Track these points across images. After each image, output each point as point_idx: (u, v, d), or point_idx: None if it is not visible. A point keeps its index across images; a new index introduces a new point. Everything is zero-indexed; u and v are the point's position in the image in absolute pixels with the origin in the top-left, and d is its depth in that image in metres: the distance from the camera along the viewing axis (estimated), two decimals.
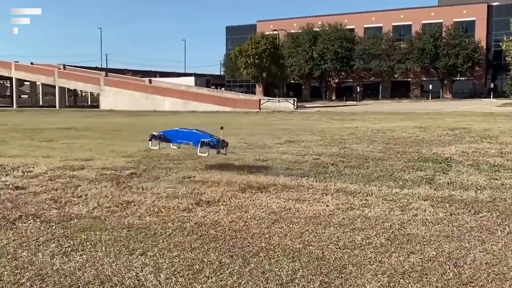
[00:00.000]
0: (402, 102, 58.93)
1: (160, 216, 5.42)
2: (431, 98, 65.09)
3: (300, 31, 73.46)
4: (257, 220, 5.20)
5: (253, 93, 73.57)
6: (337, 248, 4.33)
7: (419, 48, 65.00)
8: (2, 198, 6.32)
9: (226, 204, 5.92)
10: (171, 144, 8.59)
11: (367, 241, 4.52)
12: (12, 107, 66.51)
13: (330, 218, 5.26)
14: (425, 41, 64.72)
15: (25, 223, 5.19)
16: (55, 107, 63.95)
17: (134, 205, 5.93)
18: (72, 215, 5.49)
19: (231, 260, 4.04)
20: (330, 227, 4.94)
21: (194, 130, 8.58)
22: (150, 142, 8.55)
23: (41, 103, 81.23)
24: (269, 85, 70.67)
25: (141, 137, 14.77)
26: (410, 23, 71.32)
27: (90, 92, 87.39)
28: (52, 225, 5.08)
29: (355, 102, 63.71)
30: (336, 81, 77.44)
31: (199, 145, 7.95)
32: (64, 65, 68.84)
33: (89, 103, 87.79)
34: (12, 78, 68.49)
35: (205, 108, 48.56)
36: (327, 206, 5.79)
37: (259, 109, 46.85)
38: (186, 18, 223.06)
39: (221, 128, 8.31)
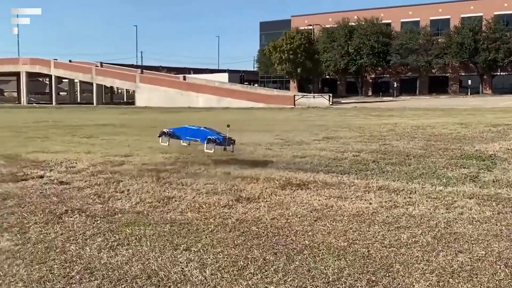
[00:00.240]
0: (440, 98, 57.77)
1: (201, 212, 5.44)
2: (470, 94, 63.52)
3: (336, 25, 72.66)
4: (299, 218, 5.17)
5: (287, 89, 73.31)
6: (382, 247, 4.26)
7: (458, 42, 63.38)
8: (48, 193, 6.46)
9: (267, 201, 5.91)
10: (181, 141, 8.82)
11: (413, 240, 4.43)
12: (51, 104, 68.16)
13: (374, 216, 5.19)
14: (464, 35, 63.06)
15: (71, 217, 5.30)
16: (92, 104, 65.28)
17: (175, 200, 5.98)
18: (116, 210, 5.58)
19: (275, 257, 4.02)
20: (374, 225, 4.87)
21: (202, 128, 8.77)
22: (160, 138, 8.80)
23: (79, 100, 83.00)
24: (303, 81, 70.34)
25: None
26: (448, 17, 69.65)
27: (126, 89, 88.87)
28: (97, 220, 5.17)
29: (391, 98, 62.74)
30: (373, 76, 76.32)
31: (205, 142, 8.14)
32: (101, 63, 70.16)
33: (124, 100, 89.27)
34: (51, 75, 70.10)
35: (239, 104, 48.69)
36: (370, 204, 5.71)
37: (294, 105, 46.69)
38: (220, 14, 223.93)
39: (228, 126, 8.44)
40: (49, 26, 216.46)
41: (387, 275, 3.67)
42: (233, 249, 4.23)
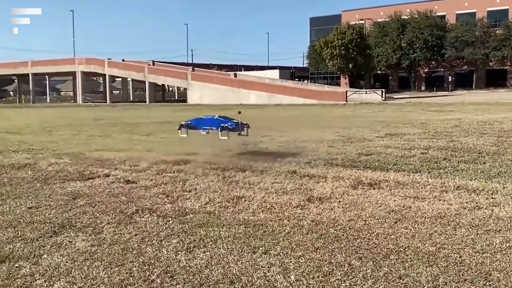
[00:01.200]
0: (499, 92, 55.55)
1: (274, 213, 5.28)
2: None
3: (388, 19, 71.08)
4: (377, 219, 4.92)
5: (338, 85, 72.46)
6: (475, 252, 3.96)
7: None
8: (116, 192, 6.46)
9: (339, 201, 5.68)
10: (201, 130, 9.18)
11: (507, 245, 4.11)
12: (106, 102, 70.00)
13: (457, 218, 4.88)
14: None
15: (142, 217, 5.24)
16: (145, 101, 66.62)
17: (245, 200, 5.84)
18: (187, 209, 5.49)
19: (361, 262, 3.80)
20: (460, 228, 4.56)
21: (216, 117, 9.08)
22: (179, 130, 9.26)
23: (131, 98, 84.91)
24: (354, 77, 69.28)
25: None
26: (507, 7, 66.88)
27: (177, 87, 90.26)
28: (169, 220, 5.09)
29: (446, 93, 60.87)
30: (426, 70, 74.30)
31: (219, 130, 8.51)
32: (153, 61, 71.40)
33: (176, 98, 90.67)
34: (105, 74, 71.95)
35: (290, 101, 48.46)
36: (450, 204, 5.39)
37: (346, 101, 46.00)
38: (268, 9, 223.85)
39: (239, 112, 8.95)
40: (100, 26, 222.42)
41: (487, 283, 3.39)
42: (314, 253, 4.04)
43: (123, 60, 73.16)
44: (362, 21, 71.11)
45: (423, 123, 15.45)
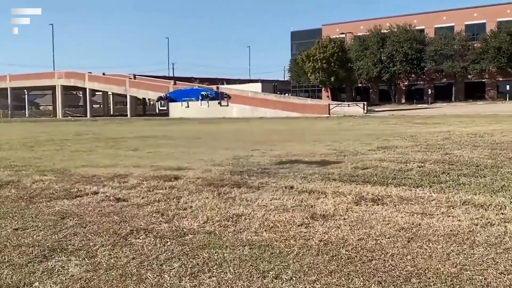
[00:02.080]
0: (478, 104, 56.25)
1: (278, 232, 5.00)
2: (508, 99, 61.74)
3: (368, 33, 71.75)
4: (389, 238, 4.67)
5: (319, 98, 72.61)
6: (499, 273, 3.74)
7: (495, 47, 61.75)
8: (107, 211, 6.13)
9: (344, 218, 5.43)
10: (181, 104, 9.16)
11: None
12: (86, 116, 69.05)
13: (472, 236, 4.66)
14: (502, 40, 61.38)
15: (138, 238, 4.93)
16: (126, 115, 65.83)
17: (245, 218, 5.56)
18: (185, 229, 5.18)
19: (382, 287, 3.54)
20: (478, 247, 4.34)
21: (195, 87, 9.04)
22: (157, 103, 9.33)
23: (112, 112, 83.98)
24: (335, 89, 69.55)
25: (224, 145, 14.66)
26: (484, 21, 68.01)
27: None
28: (167, 241, 4.78)
29: (426, 105, 61.40)
30: (406, 83, 74.95)
31: (200, 99, 8.40)
32: (134, 75, 70.74)
33: (157, 111, 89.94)
34: (85, 88, 71.00)
35: (273, 114, 48.31)
36: (460, 221, 5.18)
37: (329, 114, 45.99)
38: (249, 24, 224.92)
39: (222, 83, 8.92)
40: (78, 38, 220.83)
41: None
42: (329, 277, 3.77)
43: (103, 74, 72.38)
44: (343, 35, 71.63)
45: (412, 135, 15.33)
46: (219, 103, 8.88)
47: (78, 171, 9.45)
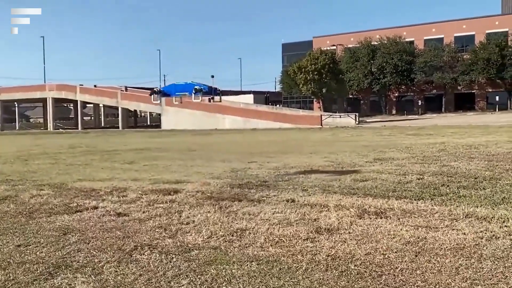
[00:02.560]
0: (468, 115, 56.74)
1: (284, 247, 4.98)
2: (498, 110, 62.33)
3: (358, 45, 72.33)
4: (396, 253, 4.66)
5: (310, 109, 72.90)
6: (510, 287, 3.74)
7: (484, 58, 62.43)
8: (109, 226, 6.07)
9: (349, 232, 5.42)
10: (173, 98, 9.30)
11: None
12: (77, 128, 68.79)
13: (479, 250, 4.66)
14: (491, 51, 62.11)
15: (143, 254, 4.88)
16: (117, 127, 65.70)
17: (249, 233, 5.53)
18: (189, 245, 5.15)
19: None
20: (486, 261, 4.34)
21: (189, 82, 9.18)
22: (151, 96, 9.42)
23: (103, 124, 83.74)
24: (327, 101, 69.86)
25: (220, 157, 14.63)
26: (473, 33, 68.80)
27: (150, 112, 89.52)
28: (173, 257, 4.74)
29: (417, 116, 61.92)
30: (396, 94, 75.52)
31: (193, 93, 8.59)
32: (125, 87, 70.59)
33: (148, 123, 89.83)
34: (77, 101, 70.78)
35: (266, 125, 48.42)
36: (465, 234, 5.19)
37: (321, 125, 46.18)
38: (240, 35, 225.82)
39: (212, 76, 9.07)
40: (71, 50, 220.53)
41: None
42: None
43: (95, 86, 72.24)
44: (334, 47, 72.10)
45: (408, 147, 15.40)
46: (212, 98, 9.09)
47: (75, 185, 9.38)
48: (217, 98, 8.71)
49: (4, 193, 8.58)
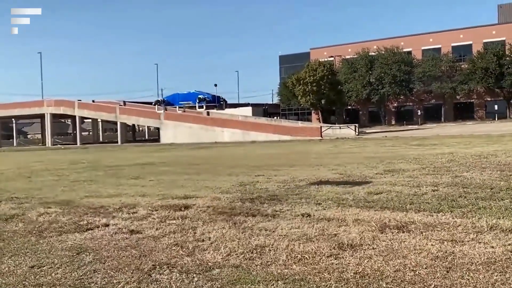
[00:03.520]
0: (467, 124, 56.77)
1: (308, 264, 4.80)
2: (497, 119, 62.41)
3: (355, 56, 72.55)
4: (426, 268, 4.49)
5: (309, 120, 72.90)
6: None
7: (482, 67, 62.62)
8: (124, 244, 5.89)
9: (373, 248, 5.25)
10: (177, 107, 9.03)
11: None
12: (76, 144, 68.59)
13: (511, 264, 4.50)
14: (489, 60, 62.29)
15: (162, 274, 4.71)
16: (115, 142, 65.53)
17: (269, 250, 5.35)
18: (209, 263, 4.97)
19: None
20: None
21: (192, 91, 8.90)
22: (156, 107, 9.04)
23: (101, 139, 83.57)
24: (325, 112, 69.93)
25: (225, 171, 14.47)
26: (470, 42, 69.15)
27: (148, 126, 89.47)
28: (194, 277, 4.57)
29: (416, 126, 61.90)
30: (395, 105, 75.64)
31: (197, 102, 8.24)
32: (124, 102, 70.54)
33: (146, 137, 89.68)
34: (75, 116, 70.67)
35: (265, 137, 48.31)
36: (493, 247, 5.02)
37: (321, 136, 46.07)
38: (236, 49, 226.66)
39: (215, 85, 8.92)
40: (67, 67, 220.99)
41: None
42: None
43: (93, 101, 72.21)
44: (331, 58, 72.28)
45: (416, 158, 15.24)
46: (215, 106, 8.85)
47: (83, 202, 9.21)
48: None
49: (11, 212, 8.40)
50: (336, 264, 4.78)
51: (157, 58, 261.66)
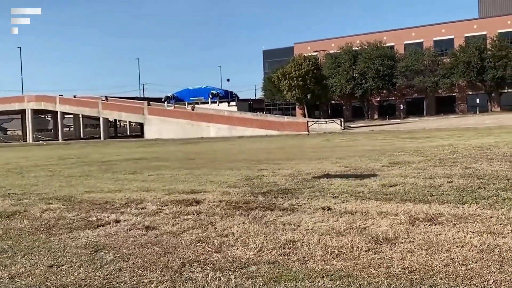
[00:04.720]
0: (450, 118, 57.24)
1: (348, 260, 4.55)
2: (479, 112, 63.09)
3: (339, 51, 72.61)
4: (477, 263, 4.27)
5: (293, 115, 72.80)
6: None
7: (464, 61, 63.20)
8: (142, 241, 5.57)
9: (411, 241, 5.01)
10: (186, 103, 8.68)
11: None
12: (57, 140, 67.48)
13: None
14: (470, 54, 62.90)
15: (195, 272, 4.41)
16: (97, 138, 64.61)
17: (301, 245, 5.09)
18: (242, 260, 4.68)
19: None
20: None
21: (204, 87, 8.57)
22: (165, 103, 8.60)
23: (82, 135, 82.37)
24: (310, 107, 69.87)
25: (224, 165, 14.16)
26: (452, 37, 69.69)
27: (129, 122, 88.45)
28: (230, 274, 4.28)
29: (399, 120, 62.23)
30: (378, 99, 75.99)
31: (210, 97, 7.93)
32: (106, 97, 69.63)
33: (128, 133, 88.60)
34: (57, 111, 69.47)
35: (252, 132, 48.01)
36: None
37: (308, 131, 45.94)
38: (218, 44, 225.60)
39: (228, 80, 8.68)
40: (46, 61, 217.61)
41: None
42: None
43: (74, 96, 71.09)
44: (315, 53, 72.20)
45: (417, 150, 15.10)
46: (228, 103, 8.53)
47: (85, 198, 8.83)
48: (232, 103, 8.27)
49: (12, 208, 7.99)
50: (377, 258, 4.54)
51: (140, 54, 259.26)
